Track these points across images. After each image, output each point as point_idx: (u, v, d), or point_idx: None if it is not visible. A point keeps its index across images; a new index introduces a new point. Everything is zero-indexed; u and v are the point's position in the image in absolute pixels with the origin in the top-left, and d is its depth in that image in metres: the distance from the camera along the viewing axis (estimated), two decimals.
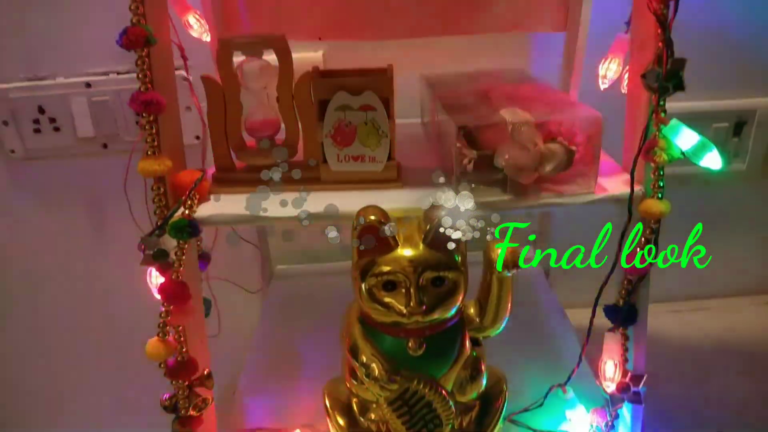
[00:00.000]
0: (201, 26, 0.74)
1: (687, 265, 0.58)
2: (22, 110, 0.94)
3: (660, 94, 0.58)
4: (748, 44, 0.95)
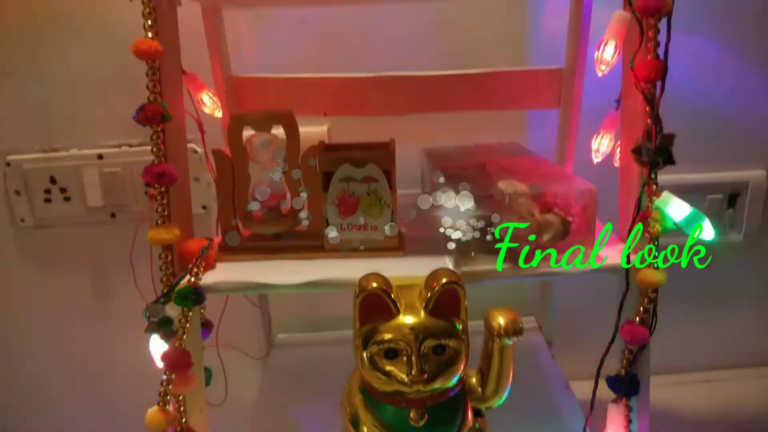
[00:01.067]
0: (213, 103, 0.78)
1: (690, 337, 0.58)
2: (34, 180, 0.97)
3: (651, 167, 0.61)
4: (737, 119, 0.99)
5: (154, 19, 0.60)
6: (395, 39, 0.93)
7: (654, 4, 0.58)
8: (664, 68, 0.59)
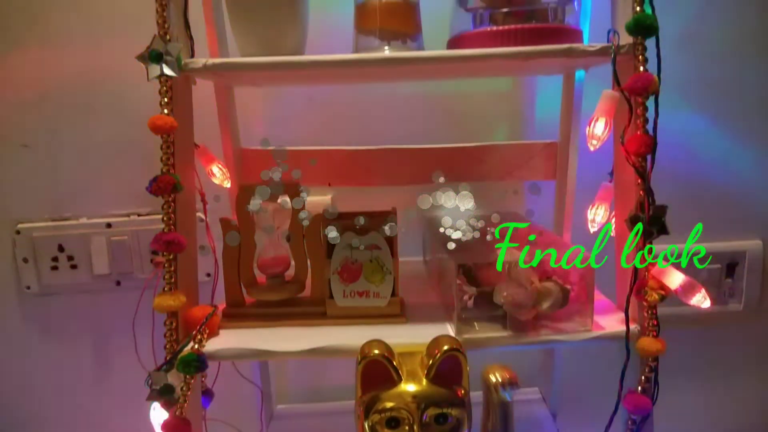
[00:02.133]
0: (223, 174, 0.82)
1: (691, 408, 0.57)
2: (42, 248, 0.99)
3: (645, 237, 0.62)
4: (731, 189, 1.02)
5: (170, 96, 0.64)
6: (397, 114, 0.97)
7: (642, 84, 0.61)
8: (654, 143, 0.62)
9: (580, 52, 0.63)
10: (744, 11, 0.95)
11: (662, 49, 0.63)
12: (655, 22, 0.62)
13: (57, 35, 0.94)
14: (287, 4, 0.67)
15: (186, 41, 0.68)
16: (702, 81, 0.97)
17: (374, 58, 0.65)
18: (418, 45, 0.71)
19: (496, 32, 0.67)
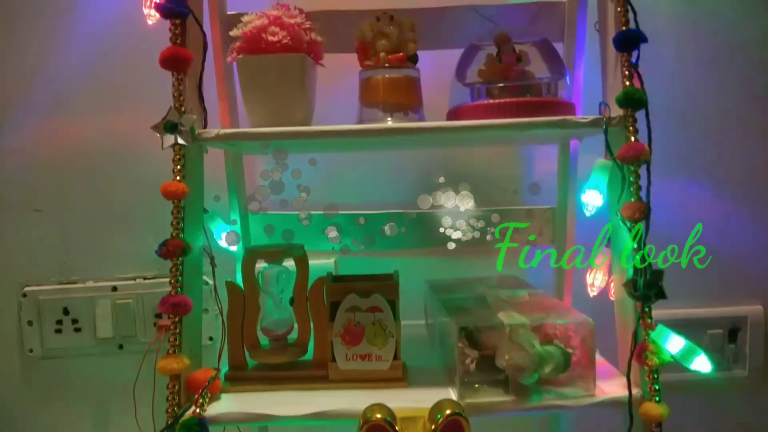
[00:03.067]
0: (230, 237, 0.83)
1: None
2: (48, 311, 1.00)
3: (643, 301, 0.63)
4: (729, 255, 1.03)
5: (182, 164, 0.67)
6: (399, 178, 1.00)
7: (633, 154, 0.64)
8: (647, 209, 0.64)
9: (573, 123, 0.67)
10: (732, 83, 0.99)
11: (655, 119, 0.67)
12: (644, 96, 0.65)
13: (74, 103, 0.98)
14: (296, 78, 0.71)
15: (199, 112, 0.71)
16: (696, 149, 1.00)
17: (378, 128, 0.69)
18: (420, 116, 0.75)
19: (493, 105, 0.70)
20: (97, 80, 0.98)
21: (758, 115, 1.00)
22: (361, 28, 0.75)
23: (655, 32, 0.88)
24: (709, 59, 0.99)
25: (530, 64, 0.74)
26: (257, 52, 0.70)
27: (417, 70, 0.75)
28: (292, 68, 0.71)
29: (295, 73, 0.71)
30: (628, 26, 0.65)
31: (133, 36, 0.95)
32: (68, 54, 0.98)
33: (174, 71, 0.67)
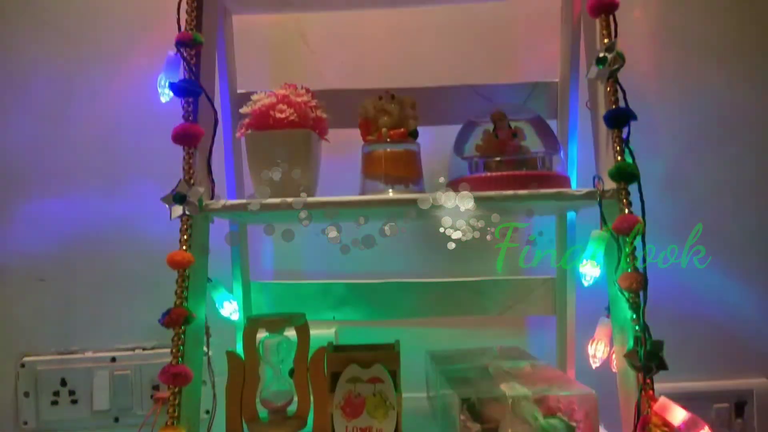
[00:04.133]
0: (232, 308, 0.84)
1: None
2: (45, 382, 0.98)
3: (645, 373, 0.63)
4: (730, 326, 1.03)
5: (189, 234, 0.68)
6: (400, 248, 1.02)
7: (627, 225, 0.66)
8: (645, 280, 0.65)
9: (569, 196, 0.69)
10: (723, 155, 1.02)
11: (649, 191, 0.69)
12: (635, 170, 0.67)
13: (82, 176, 1.01)
14: (302, 152, 0.74)
15: (207, 184, 0.74)
16: (690, 220, 1.02)
17: (380, 199, 0.71)
18: (420, 189, 0.77)
19: (491, 178, 0.73)
20: (106, 154, 1.01)
21: (750, 186, 1.03)
22: (364, 105, 0.79)
23: (645, 108, 0.92)
24: (698, 133, 1.02)
25: (525, 140, 0.77)
26: (265, 128, 0.73)
27: (417, 145, 0.79)
28: (297, 143, 0.74)
29: (300, 148, 0.74)
30: (617, 105, 0.69)
31: (142, 111, 1.00)
32: (79, 128, 1.02)
33: (185, 146, 0.70)
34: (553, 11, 0.88)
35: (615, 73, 0.69)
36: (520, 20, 1.00)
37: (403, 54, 1.01)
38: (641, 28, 1.02)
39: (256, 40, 0.98)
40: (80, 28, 1.02)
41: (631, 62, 0.72)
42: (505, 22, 1.01)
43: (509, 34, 1.01)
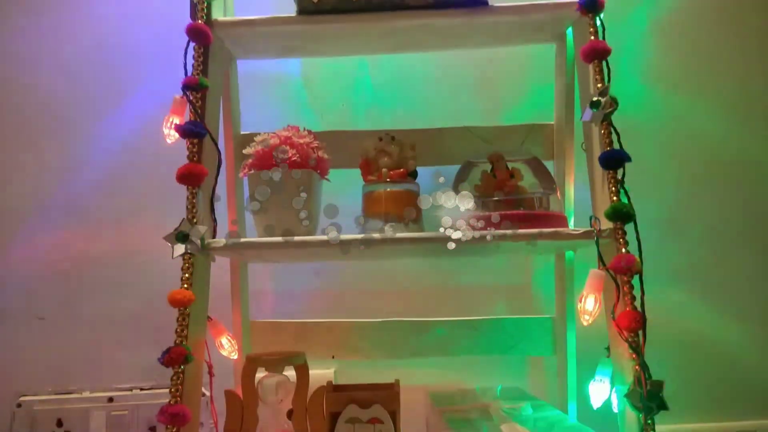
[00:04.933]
0: (231, 346, 0.84)
1: None
2: (41, 423, 0.97)
3: (646, 413, 0.63)
4: (732, 368, 1.02)
5: (191, 272, 0.69)
6: (400, 288, 1.02)
7: (624, 265, 0.67)
8: (643, 319, 0.65)
9: (566, 235, 0.70)
10: (717, 196, 1.04)
11: (646, 231, 0.70)
12: (631, 210, 0.69)
13: (85, 216, 1.03)
14: (303, 191, 0.75)
15: (210, 223, 0.75)
16: (687, 261, 1.03)
17: (380, 237, 0.72)
18: (419, 228, 0.78)
19: (488, 217, 0.74)
20: (109, 194, 1.03)
21: (749, 227, 1.04)
22: (365, 146, 0.81)
23: (640, 150, 0.94)
24: (694, 175, 1.04)
25: (522, 180, 0.78)
26: (267, 168, 0.75)
27: (417, 185, 0.80)
28: (299, 183, 0.75)
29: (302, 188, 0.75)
30: (611, 146, 0.70)
31: (145, 152, 1.02)
32: (85, 169, 1.03)
33: (189, 185, 0.71)
34: (548, 56, 0.91)
35: (609, 116, 0.71)
36: (516, 64, 1.03)
37: (403, 97, 1.04)
38: (639, 70, 1.05)
39: (259, 82, 1.01)
40: (85, 68, 1.05)
41: (627, 105, 0.74)
42: (501, 66, 1.04)
43: (506, 78, 1.04)
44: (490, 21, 0.78)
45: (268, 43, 0.86)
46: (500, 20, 0.79)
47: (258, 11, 0.80)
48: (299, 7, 0.77)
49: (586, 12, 0.74)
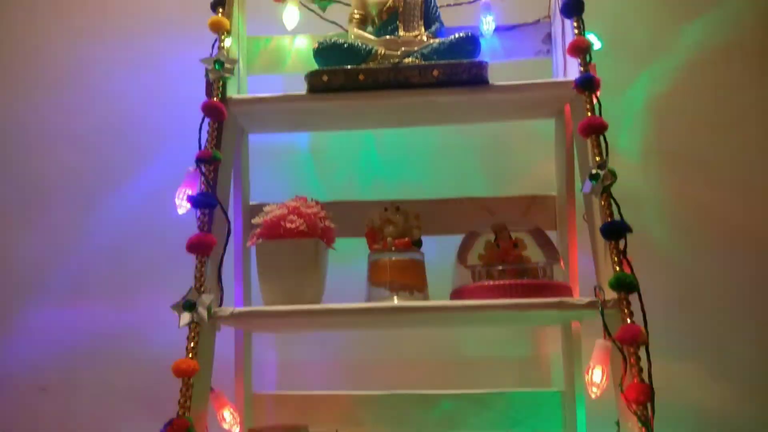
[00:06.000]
0: (233, 419, 0.82)
1: None
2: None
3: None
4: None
5: (196, 342, 0.69)
6: (405, 360, 1.01)
7: (630, 335, 0.66)
8: (651, 391, 0.64)
9: (571, 305, 0.70)
10: (724, 267, 1.04)
11: (651, 302, 0.69)
12: (634, 281, 0.69)
13: (89, 289, 1.04)
14: (310, 261, 0.76)
15: (216, 292, 0.76)
16: (695, 332, 1.02)
17: (385, 306, 0.72)
18: (424, 296, 0.79)
19: (493, 286, 0.75)
20: (116, 264, 1.04)
21: (757, 298, 1.03)
22: (370, 216, 0.83)
23: (642, 221, 0.95)
24: (697, 246, 1.05)
25: (526, 250, 0.79)
26: (276, 237, 0.77)
27: (422, 254, 0.81)
28: (306, 251, 0.76)
29: (308, 256, 0.77)
30: (612, 218, 0.72)
31: (154, 223, 1.04)
32: (93, 239, 1.06)
33: (198, 255, 0.72)
34: (549, 129, 0.94)
35: (608, 189, 0.73)
36: (517, 137, 1.06)
37: (408, 168, 1.07)
38: (638, 144, 1.08)
39: (269, 154, 1.04)
40: (99, 142, 1.09)
41: (627, 177, 0.76)
42: (503, 138, 1.07)
43: (508, 151, 1.07)
44: (490, 98, 0.82)
45: (279, 119, 0.89)
46: (500, 98, 0.82)
47: (270, 89, 0.85)
48: (309, 86, 0.81)
49: (582, 90, 0.78)
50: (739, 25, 1.09)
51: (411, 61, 0.81)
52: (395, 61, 0.81)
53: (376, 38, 0.85)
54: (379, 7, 0.87)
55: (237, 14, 0.87)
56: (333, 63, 0.81)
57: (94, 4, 1.13)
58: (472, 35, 0.82)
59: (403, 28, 0.85)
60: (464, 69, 0.79)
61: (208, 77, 0.80)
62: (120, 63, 1.11)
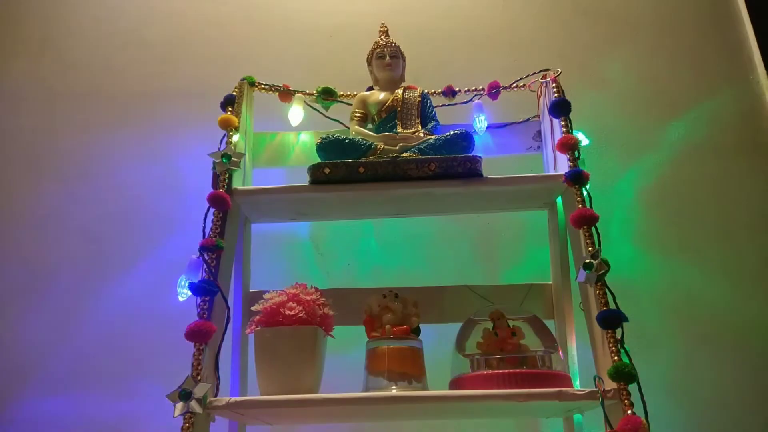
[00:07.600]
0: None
1: None
2: None
3: None
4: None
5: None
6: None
7: (631, 427, 0.65)
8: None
9: (570, 395, 0.70)
10: (723, 358, 1.03)
11: (651, 392, 0.69)
12: (633, 371, 0.68)
13: (86, 376, 1.02)
14: (308, 348, 0.76)
15: (213, 380, 0.75)
16: (697, 424, 0.99)
17: (383, 396, 0.72)
18: (423, 386, 0.78)
19: (492, 375, 0.74)
20: (112, 352, 1.04)
21: (758, 390, 1.02)
22: (369, 303, 0.83)
23: (639, 311, 0.96)
24: (696, 336, 1.04)
25: (524, 338, 0.80)
26: (275, 324, 0.77)
27: (420, 342, 0.81)
28: (305, 339, 0.77)
29: (307, 344, 0.77)
30: (608, 307, 0.73)
31: (151, 311, 1.04)
32: (90, 327, 1.06)
33: (197, 342, 0.73)
34: (542, 220, 0.97)
35: (602, 278, 0.74)
36: (513, 227, 1.09)
37: (406, 256, 1.09)
38: (630, 235, 1.11)
39: (270, 243, 1.07)
40: (104, 231, 1.12)
41: (621, 267, 0.77)
42: (499, 228, 1.10)
43: (504, 239, 1.10)
44: (484, 190, 0.85)
45: (282, 208, 0.92)
46: (494, 190, 0.85)
47: (273, 182, 0.88)
48: (312, 178, 0.85)
49: (572, 184, 0.81)
50: (715, 123, 1.15)
51: (409, 156, 0.85)
52: (394, 155, 0.85)
53: (375, 134, 0.90)
54: (378, 106, 0.92)
55: (245, 112, 0.93)
56: (335, 157, 0.85)
57: (112, 103, 1.20)
58: (466, 132, 0.87)
59: (401, 126, 0.91)
60: (459, 163, 0.83)
61: (215, 170, 0.84)
62: (132, 157, 1.16)
